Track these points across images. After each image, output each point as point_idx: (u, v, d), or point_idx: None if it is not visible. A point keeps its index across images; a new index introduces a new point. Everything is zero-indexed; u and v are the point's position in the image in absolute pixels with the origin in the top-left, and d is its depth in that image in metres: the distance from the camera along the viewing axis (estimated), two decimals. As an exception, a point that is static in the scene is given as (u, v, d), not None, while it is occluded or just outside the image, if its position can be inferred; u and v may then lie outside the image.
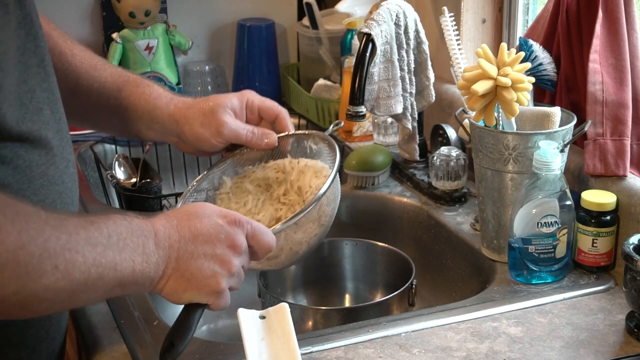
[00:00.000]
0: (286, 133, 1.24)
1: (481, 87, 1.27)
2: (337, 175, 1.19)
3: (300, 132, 1.28)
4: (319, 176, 1.22)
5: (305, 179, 1.23)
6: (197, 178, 1.25)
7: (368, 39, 1.47)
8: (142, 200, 1.71)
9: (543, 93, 1.48)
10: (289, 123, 1.24)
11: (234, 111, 1.21)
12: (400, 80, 1.56)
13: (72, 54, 1.19)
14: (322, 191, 1.14)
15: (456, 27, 1.55)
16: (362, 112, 1.43)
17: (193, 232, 0.97)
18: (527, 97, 1.30)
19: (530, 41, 1.41)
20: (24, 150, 0.93)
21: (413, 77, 1.61)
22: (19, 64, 0.94)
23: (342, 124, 1.36)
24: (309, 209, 1.12)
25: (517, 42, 1.46)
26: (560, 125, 1.33)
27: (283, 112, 1.23)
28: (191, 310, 1.00)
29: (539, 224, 1.26)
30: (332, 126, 1.32)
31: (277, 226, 1.10)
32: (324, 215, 1.17)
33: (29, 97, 0.95)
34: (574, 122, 1.33)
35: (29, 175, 0.94)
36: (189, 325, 1.00)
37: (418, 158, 1.71)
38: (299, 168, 1.24)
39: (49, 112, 0.99)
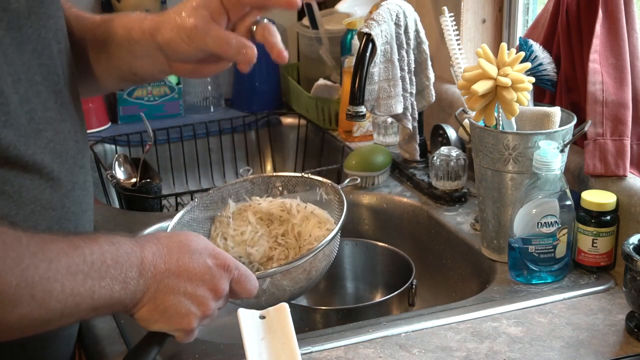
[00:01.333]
0: (294, 174, 1.25)
1: (481, 87, 1.27)
2: (339, 234, 1.19)
3: (315, 177, 1.27)
4: (321, 227, 1.22)
5: (308, 226, 1.22)
6: (202, 194, 1.25)
7: (368, 39, 1.47)
8: (142, 200, 1.71)
9: (543, 93, 1.48)
10: (274, 31, 1.11)
11: (210, 10, 1.02)
12: (400, 80, 1.56)
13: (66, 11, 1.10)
14: (319, 246, 1.14)
15: (456, 27, 1.55)
16: (362, 112, 1.43)
17: (180, 267, 0.96)
18: (527, 97, 1.30)
19: (530, 41, 1.41)
20: (13, 176, 0.90)
21: (413, 77, 1.61)
22: (25, 81, 0.91)
23: (359, 180, 1.36)
24: (301, 262, 1.13)
25: (517, 42, 1.46)
26: (560, 125, 1.33)
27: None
28: (154, 338, 1.00)
29: (539, 224, 1.26)
30: (347, 181, 1.34)
31: (265, 272, 1.11)
32: (315, 269, 1.18)
33: (28, 118, 0.91)
34: (574, 122, 1.33)
35: (17, 202, 0.91)
36: (148, 353, 0.99)
37: (419, 158, 1.71)
38: (305, 213, 1.23)
39: (50, 133, 0.95)
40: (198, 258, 0.97)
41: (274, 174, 1.25)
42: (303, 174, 1.25)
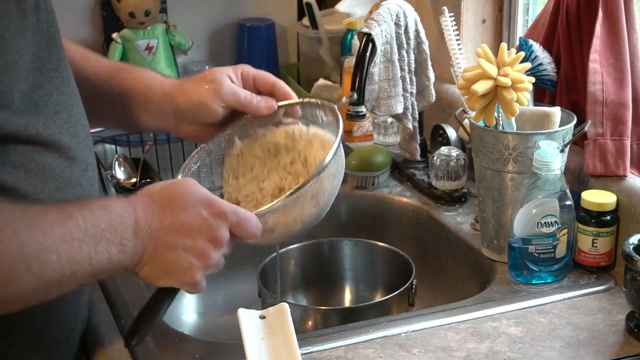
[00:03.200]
0: (293, 100, 1.19)
1: (481, 87, 1.27)
2: (341, 149, 1.13)
3: (308, 100, 1.21)
4: (325, 148, 1.15)
5: (312, 150, 1.16)
6: (202, 146, 1.20)
7: (368, 38, 1.47)
8: (142, 200, 1.71)
9: (543, 93, 1.48)
10: (290, 90, 1.18)
11: (231, 78, 1.16)
12: (400, 80, 1.56)
13: (66, 47, 1.16)
14: (316, 172, 1.06)
15: (456, 27, 1.54)
16: (362, 112, 1.43)
17: (175, 222, 0.95)
18: (527, 97, 1.30)
19: (530, 41, 1.41)
20: (37, 154, 0.93)
21: (414, 77, 1.61)
22: (34, 70, 0.93)
23: (355, 96, 1.32)
24: (300, 191, 1.05)
25: (517, 42, 1.46)
26: (560, 125, 1.33)
27: (280, 80, 1.19)
28: (163, 294, 0.99)
29: (539, 224, 1.26)
30: (344, 98, 1.30)
31: (263, 209, 1.04)
32: (323, 192, 1.10)
33: (45, 101, 0.95)
34: (574, 122, 1.33)
35: (42, 179, 0.94)
36: (157, 311, 0.99)
37: (419, 158, 1.71)
38: (308, 137, 1.17)
39: (65, 115, 0.98)
40: (192, 210, 0.96)
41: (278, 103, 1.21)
42: (302, 99, 1.22)
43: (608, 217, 1.29)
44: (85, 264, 0.88)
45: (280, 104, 1.18)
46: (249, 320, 1.05)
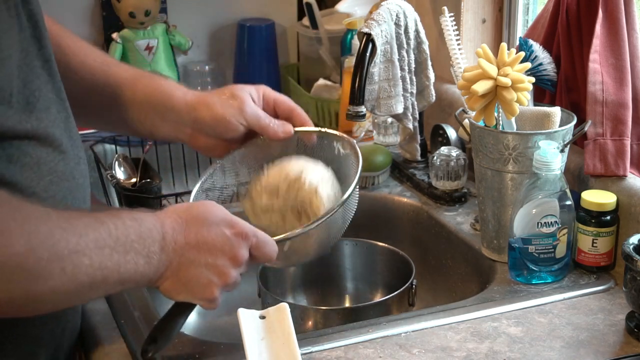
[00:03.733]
0: (311, 128, 1.22)
1: (481, 87, 1.27)
2: (357, 189, 1.17)
3: (326, 130, 1.24)
4: (334, 187, 1.19)
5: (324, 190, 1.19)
6: (217, 162, 1.22)
7: (368, 38, 1.47)
8: (142, 200, 1.71)
9: (543, 93, 1.48)
10: (307, 117, 1.22)
11: (252, 98, 1.20)
12: (400, 80, 1.56)
13: (84, 54, 1.19)
14: (336, 206, 1.11)
15: (456, 27, 1.54)
16: (362, 112, 1.43)
17: (199, 240, 0.99)
18: (527, 97, 1.30)
19: (530, 41, 1.41)
20: (31, 148, 0.94)
21: (414, 77, 1.61)
22: (24, 66, 0.95)
23: (372, 129, 1.31)
24: (318, 223, 1.10)
25: (517, 42, 1.46)
26: (560, 125, 1.33)
27: (298, 107, 1.23)
28: (181, 308, 1.02)
29: (539, 224, 1.26)
30: (362, 134, 1.31)
31: (281, 236, 1.09)
32: (337, 221, 1.15)
33: (36, 96, 0.96)
34: (574, 122, 1.33)
35: (37, 172, 0.95)
36: (175, 324, 1.02)
37: (419, 158, 1.71)
38: (312, 185, 1.19)
39: (55, 110, 0.99)
40: (216, 229, 1.00)
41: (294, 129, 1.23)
42: (320, 128, 1.23)
43: (608, 217, 1.29)
44: (114, 271, 0.91)
45: (298, 129, 1.22)
46: (249, 320, 1.06)
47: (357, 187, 1.17)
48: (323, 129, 1.23)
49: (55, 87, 1.01)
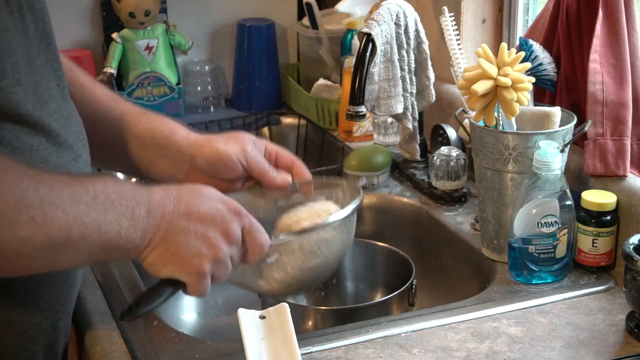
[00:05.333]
0: (310, 180, 1.22)
1: (481, 87, 1.27)
2: (355, 218, 1.16)
3: (327, 181, 1.25)
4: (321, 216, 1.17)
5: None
6: None
7: (368, 38, 1.47)
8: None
9: (543, 93, 1.48)
10: (307, 171, 1.22)
11: (255, 143, 1.20)
12: (400, 80, 1.56)
13: (92, 86, 1.19)
14: (336, 217, 1.11)
15: (456, 27, 1.54)
16: (362, 112, 1.43)
17: (189, 208, 0.96)
18: (527, 97, 1.30)
19: (530, 41, 1.41)
20: (24, 134, 0.93)
21: (414, 77, 1.61)
22: (24, 61, 0.94)
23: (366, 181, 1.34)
24: (315, 229, 1.10)
25: (517, 42, 1.46)
26: (561, 125, 1.33)
27: (299, 160, 1.22)
28: (166, 284, 0.98)
29: (539, 224, 1.26)
30: (365, 182, 1.30)
31: (282, 236, 1.09)
32: (327, 245, 1.13)
33: (34, 89, 0.95)
34: (574, 122, 1.33)
35: (28, 159, 0.93)
36: (158, 294, 0.98)
37: (419, 158, 1.71)
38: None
39: (55, 106, 0.99)
40: (208, 201, 0.98)
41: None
42: (320, 179, 1.24)
43: (608, 217, 1.29)
44: (94, 230, 0.88)
45: (296, 180, 1.21)
46: (249, 320, 1.05)
47: (355, 216, 1.16)
48: (324, 180, 1.23)
49: (57, 87, 1.01)
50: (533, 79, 1.30)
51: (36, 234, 0.84)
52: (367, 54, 1.46)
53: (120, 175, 1.54)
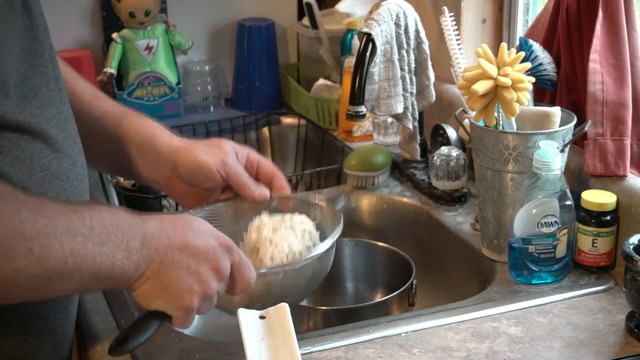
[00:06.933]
0: (289, 195, 1.22)
1: (481, 87, 1.27)
2: (334, 248, 1.17)
3: (306, 200, 1.25)
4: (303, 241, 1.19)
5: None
6: (190, 211, 1.21)
7: (368, 38, 1.47)
8: (142, 200, 1.71)
9: (543, 93, 1.48)
10: (286, 184, 1.22)
11: (236, 154, 1.20)
12: (400, 80, 1.56)
13: (75, 83, 1.18)
14: (319, 252, 1.12)
15: (456, 27, 1.54)
16: (362, 112, 1.43)
17: (183, 243, 0.96)
18: (527, 97, 1.30)
19: (530, 41, 1.41)
20: (24, 142, 0.93)
21: (414, 77, 1.61)
22: (24, 63, 0.94)
23: (353, 204, 1.38)
24: (300, 265, 1.11)
25: (517, 42, 1.46)
26: (561, 125, 1.33)
27: (280, 173, 1.22)
28: (154, 316, 0.98)
29: (539, 224, 1.26)
30: (343, 202, 1.31)
31: (262, 269, 1.09)
32: (308, 275, 1.15)
33: (34, 93, 0.95)
34: (574, 122, 1.33)
35: (29, 167, 0.93)
36: (147, 328, 0.98)
37: (419, 158, 1.71)
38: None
39: (54, 110, 0.98)
40: (202, 236, 0.98)
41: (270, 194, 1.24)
42: (297, 195, 1.24)
43: (608, 217, 1.29)
44: (89, 261, 0.87)
45: (275, 194, 1.21)
46: (249, 320, 1.05)
47: (333, 246, 1.17)
48: (302, 198, 1.24)
49: (56, 88, 1.01)
50: (533, 79, 1.30)
51: (32, 264, 0.83)
52: (367, 54, 1.46)
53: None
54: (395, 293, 1.33)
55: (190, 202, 1.22)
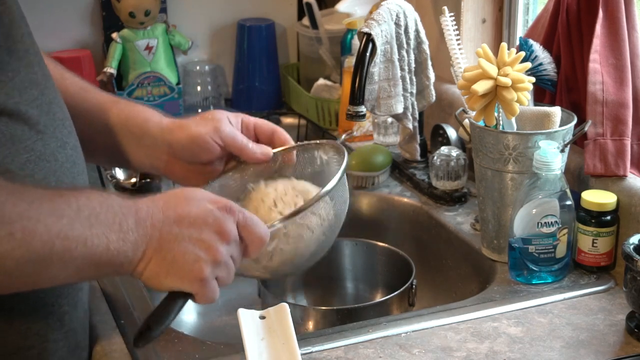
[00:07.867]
0: (289, 146, 1.18)
1: (481, 87, 1.27)
2: (345, 181, 1.12)
3: (307, 142, 1.20)
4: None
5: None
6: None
7: (368, 38, 1.47)
8: (142, 200, 1.71)
9: (543, 93, 1.48)
10: (289, 137, 1.18)
11: (230, 120, 1.15)
12: (400, 80, 1.56)
13: (62, 77, 1.15)
14: (326, 189, 1.05)
15: (456, 27, 1.54)
16: (362, 112, 1.43)
17: (179, 214, 0.93)
18: (527, 97, 1.30)
19: (531, 41, 1.41)
20: (3, 124, 0.90)
21: (414, 77, 1.61)
22: (1, 48, 0.91)
23: (355, 133, 1.30)
24: (309, 207, 1.04)
25: (517, 42, 1.46)
26: (561, 125, 1.33)
27: (279, 128, 1.19)
28: (174, 298, 0.95)
29: (539, 224, 1.26)
30: (344, 135, 1.28)
31: (276, 222, 1.02)
32: (325, 218, 1.08)
33: (10, 76, 0.92)
34: (574, 122, 1.33)
35: (11, 149, 0.91)
36: (168, 311, 0.94)
37: (419, 158, 1.71)
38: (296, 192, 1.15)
39: (36, 92, 0.96)
40: (197, 204, 0.94)
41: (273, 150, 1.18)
42: (298, 142, 1.19)
43: (608, 217, 1.29)
44: (79, 243, 0.85)
45: (275, 150, 1.17)
46: (249, 320, 1.05)
47: (345, 180, 1.11)
48: (304, 142, 1.19)
49: (40, 72, 0.98)
50: (533, 79, 1.30)
51: (15, 248, 0.81)
52: (367, 54, 1.46)
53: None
54: (395, 293, 1.33)
55: (193, 182, 1.17)
